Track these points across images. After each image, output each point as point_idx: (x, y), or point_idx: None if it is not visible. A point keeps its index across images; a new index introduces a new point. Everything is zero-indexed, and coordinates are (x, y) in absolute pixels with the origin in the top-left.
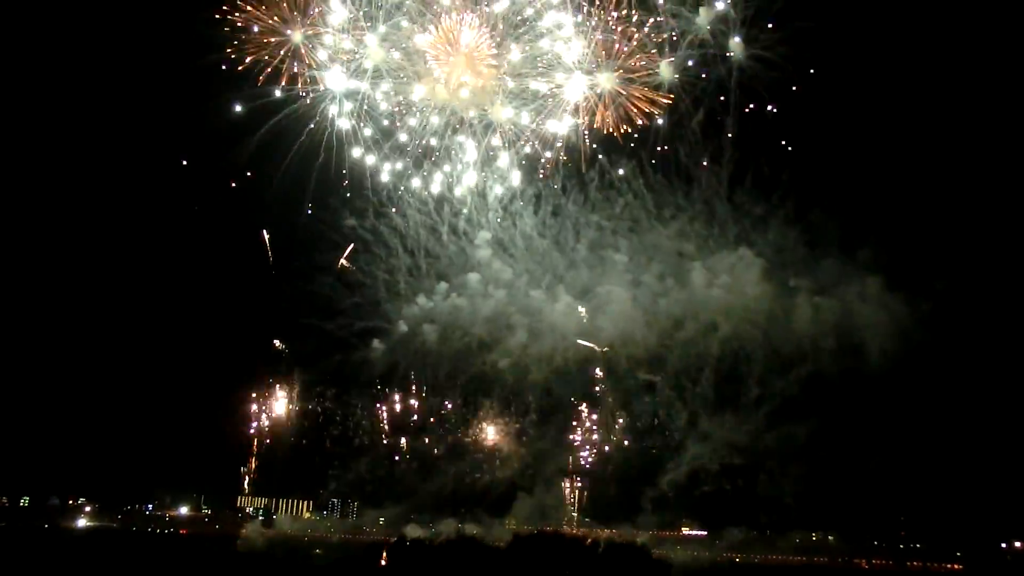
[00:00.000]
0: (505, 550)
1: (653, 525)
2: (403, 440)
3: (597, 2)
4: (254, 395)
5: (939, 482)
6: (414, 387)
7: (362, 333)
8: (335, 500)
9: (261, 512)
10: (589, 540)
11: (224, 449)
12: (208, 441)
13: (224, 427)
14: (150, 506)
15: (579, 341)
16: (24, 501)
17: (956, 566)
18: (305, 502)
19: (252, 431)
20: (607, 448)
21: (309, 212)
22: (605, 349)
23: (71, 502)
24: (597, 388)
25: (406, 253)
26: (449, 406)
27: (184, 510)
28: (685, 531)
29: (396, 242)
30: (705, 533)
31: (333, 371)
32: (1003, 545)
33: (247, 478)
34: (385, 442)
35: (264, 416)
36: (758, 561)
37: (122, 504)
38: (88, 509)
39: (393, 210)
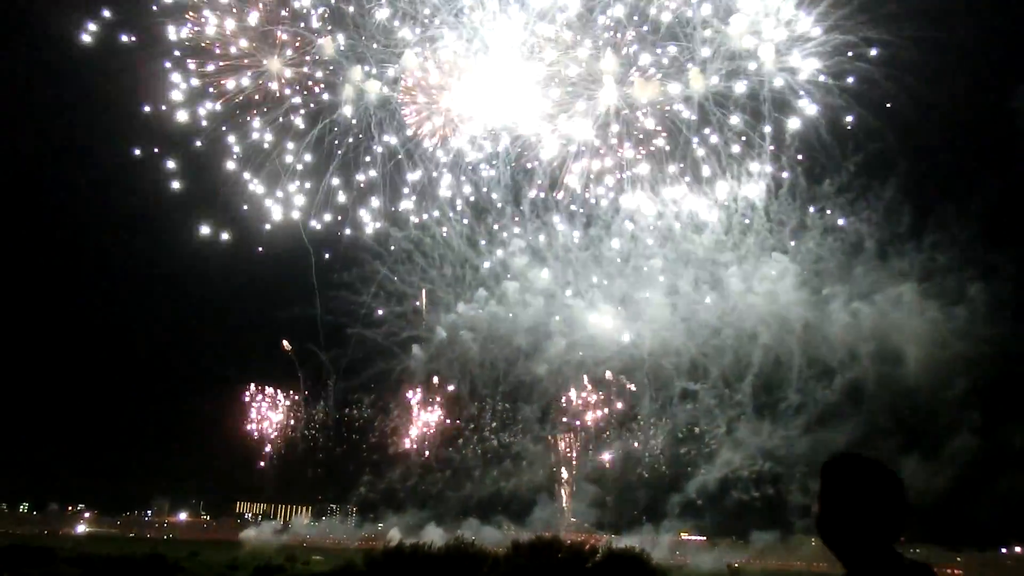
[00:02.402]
0: (501, 557)
1: (678, 531)
2: (432, 445)
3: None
4: (260, 401)
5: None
6: (448, 394)
7: (403, 342)
8: (334, 506)
9: (261, 517)
10: (587, 547)
11: (224, 455)
12: (208, 447)
13: (225, 433)
14: (149, 512)
15: None
16: (24, 507)
17: (956, 571)
18: (306, 508)
19: (260, 436)
20: (639, 454)
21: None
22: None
23: (70, 508)
24: (636, 396)
25: (446, 263)
26: (487, 413)
27: (183, 516)
28: (684, 536)
29: (436, 253)
30: (704, 539)
31: (370, 378)
32: (1003, 550)
33: (264, 483)
34: (413, 448)
35: (273, 422)
36: (759, 567)
37: (121, 510)
38: (87, 515)
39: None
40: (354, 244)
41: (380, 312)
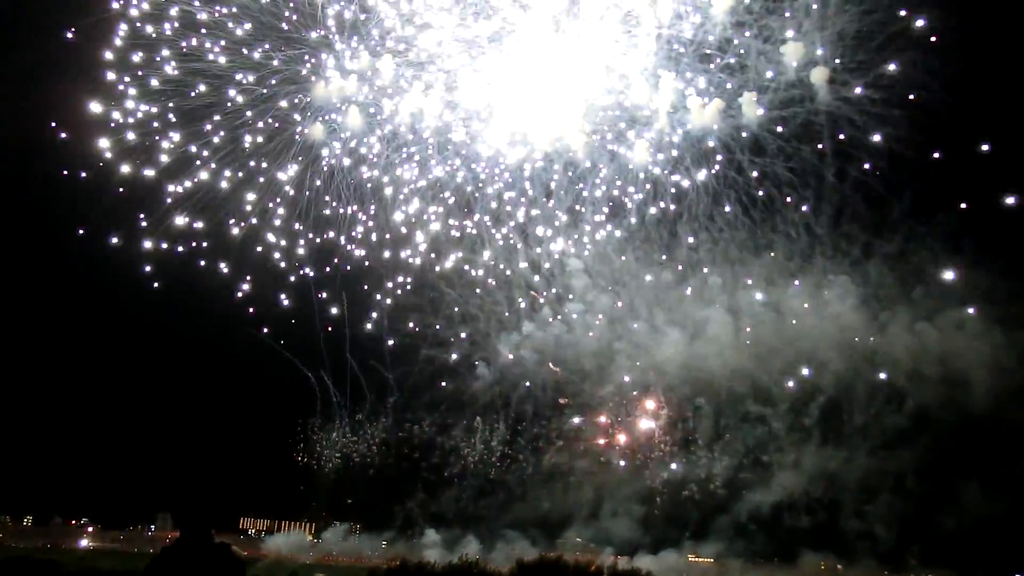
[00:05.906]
0: None
1: (718, 553)
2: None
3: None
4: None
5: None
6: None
7: (468, 363)
8: (338, 522)
9: (264, 534)
10: (593, 567)
11: (229, 470)
12: (215, 461)
13: (229, 447)
14: (152, 527)
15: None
16: (27, 521)
17: None
18: (310, 524)
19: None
20: (695, 476)
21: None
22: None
23: (73, 522)
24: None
25: (513, 286)
26: (552, 433)
27: None
28: (691, 558)
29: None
30: (712, 560)
31: (434, 398)
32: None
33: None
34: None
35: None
36: None
37: (124, 524)
38: (91, 529)
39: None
40: (423, 268)
41: (445, 333)
